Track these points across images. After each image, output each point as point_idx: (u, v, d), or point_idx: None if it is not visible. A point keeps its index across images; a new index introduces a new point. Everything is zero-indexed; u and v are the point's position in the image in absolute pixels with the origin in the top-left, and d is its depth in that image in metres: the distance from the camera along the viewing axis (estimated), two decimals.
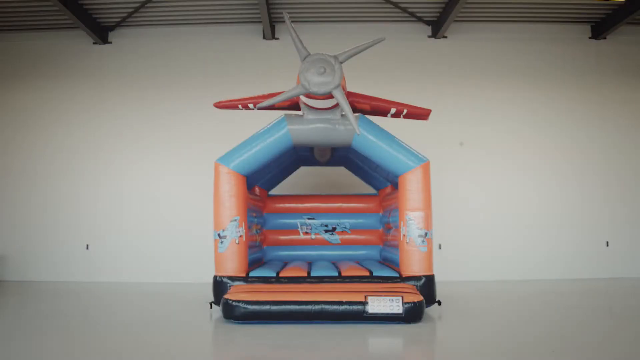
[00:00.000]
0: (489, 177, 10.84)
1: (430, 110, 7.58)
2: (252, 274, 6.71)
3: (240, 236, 6.59)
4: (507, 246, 10.58)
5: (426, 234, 6.49)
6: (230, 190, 6.63)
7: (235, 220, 6.57)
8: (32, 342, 5.19)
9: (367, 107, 7.08)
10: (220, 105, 7.68)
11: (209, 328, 6.16)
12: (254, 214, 7.90)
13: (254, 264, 7.37)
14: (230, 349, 5.38)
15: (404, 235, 6.55)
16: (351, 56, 6.20)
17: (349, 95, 6.77)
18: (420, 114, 7.49)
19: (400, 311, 5.80)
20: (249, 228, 7.04)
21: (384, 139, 6.68)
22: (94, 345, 5.17)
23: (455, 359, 4.70)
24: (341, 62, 6.06)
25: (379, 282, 6.45)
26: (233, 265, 6.53)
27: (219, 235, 6.59)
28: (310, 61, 6.03)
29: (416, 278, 6.44)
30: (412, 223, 6.48)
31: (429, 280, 6.52)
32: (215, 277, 6.68)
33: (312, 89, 5.93)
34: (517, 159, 10.90)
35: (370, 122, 6.81)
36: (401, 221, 6.63)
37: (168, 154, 10.89)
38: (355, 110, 6.90)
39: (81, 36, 10.94)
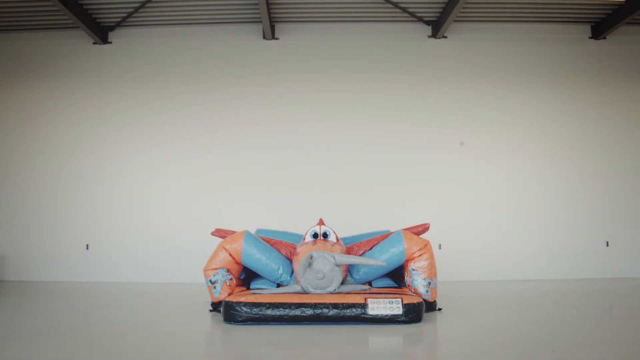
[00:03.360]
0: (489, 176, 10.85)
1: (428, 226, 7.63)
2: (252, 284, 6.76)
3: (230, 279, 6.65)
4: (507, 246, 10.59)
5: (430, 283, 6.58)
6: (227, 257, 6.66)
7: (224, 269, 6.63)
8: (32, 343, 5.19)
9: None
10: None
11: (210, 328, 6.15)
12: None
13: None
14: (231, 349, 5.37)
15: (408, 285, 6.65)
16: (347, 263, 6.35)
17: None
18: (420, 233, 7.47)
19: (400, 312, 5.84)
20: (239, 277, 7.05)
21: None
22: (93, 346, 5.16)
23: (455, 358, 4.70)
24: (337, 265, 6.16)
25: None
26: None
27: (210, 281, 6.60)
28: (309, 271, 6.14)
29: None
30: (415, 273, 6.55)
31: (429, 303, 6.67)
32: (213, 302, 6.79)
33: (311, 291, 6.18)
34: (517, 158, 10.91)
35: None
36: (405, 272, 6.68)
37: (168, 154, 10.89)
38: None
39: (81, 36, 10.94)
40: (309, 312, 5.86)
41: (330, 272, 6.10)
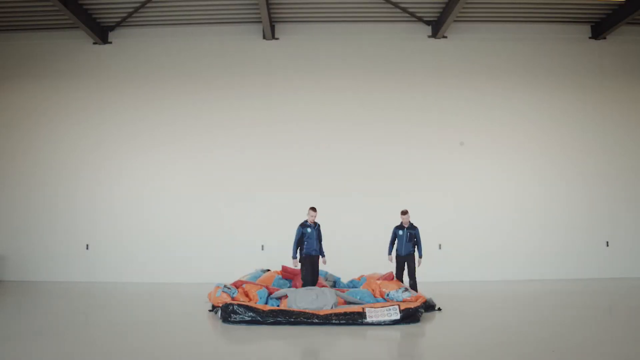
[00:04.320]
0: (489, 176, 10.84)
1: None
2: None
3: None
4: (507, 246, 10.57)
5: (405, 289, 7.09)
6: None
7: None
8: (32, 343, 5.19)
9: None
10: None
11: (211, 327, 6.15)
12: None
13: None
14: (232, 348, 5.37)
15: (392, 300, 6.96)
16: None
17: None
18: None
19: (398, 317, 5.97)
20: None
21: None
22: (93, 346, 5.17)
23: (455, 358, 4.70)
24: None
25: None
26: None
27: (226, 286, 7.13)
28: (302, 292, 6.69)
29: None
30: (391, 293, 7.04)
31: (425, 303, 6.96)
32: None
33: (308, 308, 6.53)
34: (517, 158, 10.89)
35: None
36: (383, 296, 7.15)
37: (168, 154, 10.88)
38: None
39: (81, 36, 10.94)
40: (312, 321, 5.95)
41: (322, 293, 6.48)
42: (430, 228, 10.66)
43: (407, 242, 7.78)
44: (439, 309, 6.86)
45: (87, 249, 10.63)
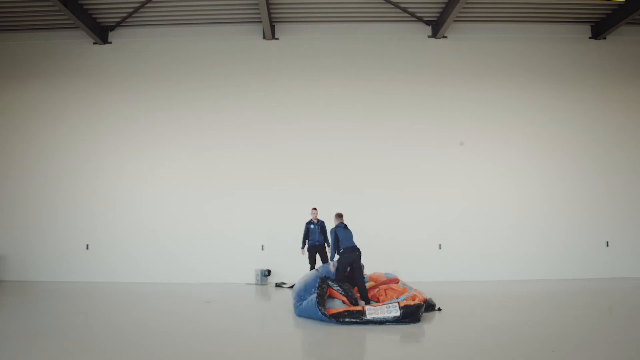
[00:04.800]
0: (489, 176, 10.83)
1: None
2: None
3: None
4: (507, 247, 10.56)
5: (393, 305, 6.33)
6: None
7: None
8: (32, 342, 5.19)
9: None
10: None
11: (209, 327, 6.15)
12: None
13: None
14: (233, 347, 5.37)
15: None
16: None
17: None
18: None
19: (398, 314, 5.94)
20: None
21: None
22: (93, 346, 5.17)
23: (455, 358, 4.70)
24: None
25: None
26: None
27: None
28: None
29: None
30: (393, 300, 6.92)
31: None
32: None
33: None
34: (517, 158, 10.89)
35: None
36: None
37: (169, 153, 10.88)
38: None
39: (81, 36, 10.94)
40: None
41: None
42: (431, 228, 10.71)
43: (319, 233, 8.90)
44: (439, 309, 6.86)
45: (87, 249, 10.63)
